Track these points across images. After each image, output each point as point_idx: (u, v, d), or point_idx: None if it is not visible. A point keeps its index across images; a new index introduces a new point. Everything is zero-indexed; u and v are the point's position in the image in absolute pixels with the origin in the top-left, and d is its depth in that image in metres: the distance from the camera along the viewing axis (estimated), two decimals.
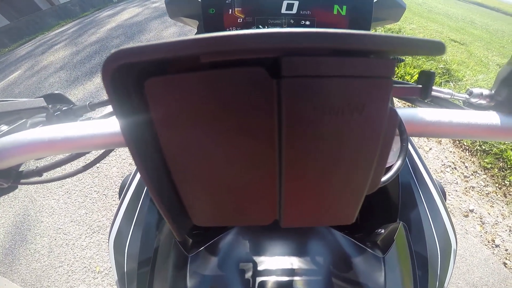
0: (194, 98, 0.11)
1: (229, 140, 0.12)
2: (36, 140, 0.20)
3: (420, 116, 0.20)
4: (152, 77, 0.10)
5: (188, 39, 0.09)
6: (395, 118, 0.13)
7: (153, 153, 0.13)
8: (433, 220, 0.35)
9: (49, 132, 0.20)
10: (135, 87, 0.11)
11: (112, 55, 0.09)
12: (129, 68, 0.10)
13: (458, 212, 1.44)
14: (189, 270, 0.27)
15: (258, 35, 0.09)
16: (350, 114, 0.11)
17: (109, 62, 0.09)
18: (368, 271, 0.26)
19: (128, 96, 0.11)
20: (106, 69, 0.10)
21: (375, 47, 0.10)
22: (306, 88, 0.10)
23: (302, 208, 0.15)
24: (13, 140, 0.20)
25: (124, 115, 0.11)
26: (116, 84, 0.10)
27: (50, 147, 0.20)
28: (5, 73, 4.23)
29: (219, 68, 0.10)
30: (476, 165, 1.68)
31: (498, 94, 0.22)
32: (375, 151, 0.13)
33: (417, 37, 0.10)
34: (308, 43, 0.09)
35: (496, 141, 1.26)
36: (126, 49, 0.09)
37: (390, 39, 0.09)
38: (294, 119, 0.11)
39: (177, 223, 0.16)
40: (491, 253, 1.28)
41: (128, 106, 0.11)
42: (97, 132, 0.20)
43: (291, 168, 0.13)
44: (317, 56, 0.10)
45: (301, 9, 0.37)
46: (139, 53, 0.09)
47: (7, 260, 1.40)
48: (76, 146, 0.21)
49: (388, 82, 0.11)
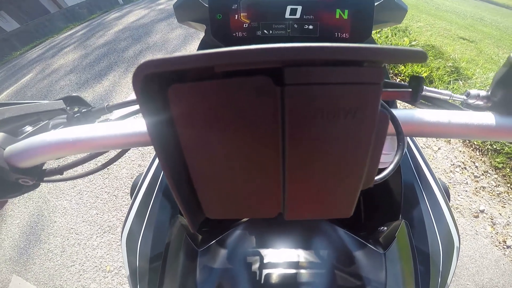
0: (210, 102, 0.12)
1: (240, 140, 0.14)
2: (59, 140, 0.21)
3: (417, 116, 0.21)
4: (174, 84, 0.12)
5: (205, 53, 0.10)
6: (385, 120, 0.14)
7: (174, 151, 0.14)
8: (436, 218, 0.36)
9: (72, 133, 0.22)
10: (159, 92, 0.12)
11: (142, 65, 0.11)
12: (154, 76, 0.11)
13: (468, 213, 1.41)
14: (199, 264, 0.29)
15: (264, 49, 0.10)
16: (344, 117, 0.13)
17: (139, 71, 0.11)
18: (370, 266, 0.28)
19: (153, 100, 0.12)
20: (137, 76, 0.11)
21: (362, 58, 0.11)
22: (305, 94, 0.12)
23: (304, 202, 0.16)
24: (39, 141, 0.21)
25: (150, 116, 0.13)
26: (144, 90, 0.12)
27: (72, 147, 0.22)
28: (17, 76, 4.36)
29: (231, 77, 0.12)
30: (487, 165, 1.65)
31: (494, 95, 0.23)
32: (367, 151, 0.14)
33: (401, 47, 0.11)
34: (307, 56, 0.10)
35: (494, 141, 1.23)
36: (153, 60, 0.11)
37: (375, 50, 0.10)
38: (296, 121, 0.13)
39: (192, 216, 0.18)
40: (502, 254, 1.25)
41: (153, 108, 0.13)
42: (116, 132, 0.22)
43: (293, 166, 0.14)
44: (315, 66, 0.11)
45: (305, 14, 0.38)
46: (164, 64, 0.11)
47: (21, 259, 1.45)
48: (96, 145, 0.22)
49: (377, 88, 0.12)
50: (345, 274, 0.27)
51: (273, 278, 0.26)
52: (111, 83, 3.02)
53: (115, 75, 3.17)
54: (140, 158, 1.82)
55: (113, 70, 3.31)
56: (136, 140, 0.22)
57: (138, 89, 0.11)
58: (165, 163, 0.14)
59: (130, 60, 3.46)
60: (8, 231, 1.62)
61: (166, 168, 0.14)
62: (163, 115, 0.13)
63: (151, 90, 0.12)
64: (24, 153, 0.22)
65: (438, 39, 3.22)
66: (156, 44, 3.76)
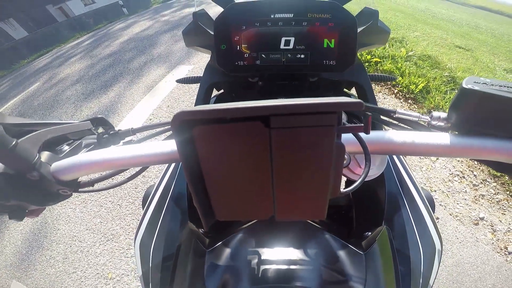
0: (221, 138, 0.18)
1: (242, 163, 0.20)
2: (95, 160, 0.27)
3: (384, 137, 0.25)
4: (197, 126, 0.18)
5: (220, 109, 0.16)
6: (342, 150, 0.19)
7: (195, 168, 0.20)
8: (416, 224, 0.40)
9: (105, 153, 0.27)
10: (187, 129, 0.18)
11: (179, 114, 0.17)
12: (184, 120, 0.17)
13: (468, 220, 1.42)
14: (207, 262, 0.35)
15: (258, 107, 0.16)
16: (310, 148, 0.18)
17: (176, 118, 0.17)
18: (351, 265, 0.33)
19: (183, 134, 0.18)
20: (174, 121, 0.17)
21: (312, 110, 0.16)
22: (285, 133, 0.17)
23: (289, 206, 0.22)
24: (79, 160, 0.27)
25: (181, 144, 0.19)
26: (178, 128, 0.18)
27: (104, 165, 0.27)
28: (25, 85, 4.47)
29: (236, 121, 0.17)
30: (486, 174, 1.67)
31: (450, 117, 0.26)
32: (329, 172, 0.20)
33: (340, 101, 0.16)
34: (281, 111, 0.16)
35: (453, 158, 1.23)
36: (188, 111, 0.17)
37: (318, 104, 0.16)
38: (279, 151, 0.18)
39: (206, 218, 0.23)
40: (504, 260, 1.25)
41: (183, 140, 0.19)
42: (141, 153, 0.27)
43: (279, 180, 0.20)
44: (290, 115, 0.17)
45: (297, 45, 0.42)
46: (193, 114, 0.16)
47: (23, 265, 1.46)
48: (125, 164, 0.27)
49: (332, 129, 0.17)
50: (330, 271, 0.33)
51: (269, 273, 0.32)
52: (117, 94, 3.09)
53: (120, 86, 3.25)
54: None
55: (118, 81, 3.40)
56: (157, 159, 0.27)
57: (175, 129, 0.18)
58: (189, 177, 0.20)
59: (135, 72, 3.54)
60: (10, 237, 1.64)
61: (190, 180, 0.20)
62: (189, 145, 0.19)
63: (181, 128, 0.18)
64: (68, 169, 0.27)
65: (435, 49, 3.29)
66: (160, 56, 3.87)
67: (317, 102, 0.16)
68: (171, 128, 0.18)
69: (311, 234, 0.38)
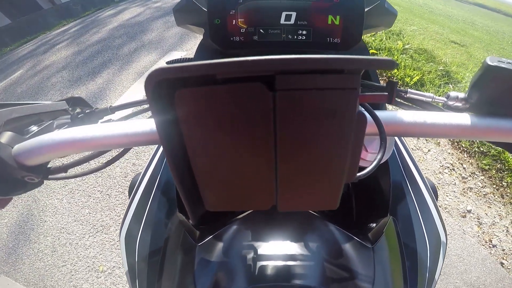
0: (211, 106, 0.14)
1: (237, 139, 0.15)
2: (66, 139, 0.22)
3: (400, 117, 0.22)
4: (180, 89, 0.13)
5: (208, 63, 0.12)
6: (364, 120, 0.15)
7: (179, 148, 0.16)
8: (422, 215, 0.38)
9: (78, 132, 0.23)
10: (167, 96, 0.14)
11: (153, 72, 0.12)
12: (162, 81, 0.13)
13: (456, 213, 1.46)
14: (197, 257, 0.31)
15: (259, 61, 0.12)
16: (326, 118, 0.14)
17: (151, 77, 0.12)
18: (358, 259, 0.30)
19: (162, 102, 0.14)
20: (149, 82, 0.13)
21: (340, 67, 0.12)
22: (293, 98, 0.13)
23: (294, 194, 0.18)
24: (46, 140, 0.22)
25: (159, 117, 0.14)
26: (154, 93, 0.13)
27: (78, 146, 0.22)
28: (7, 73, 4.24)
29: (230, 83, 0.13)
30: (474, 167, 1.70)
31: (470, 97, 0.24)
32: (348, 147, 0.16)
33: (374, 58, 0.12)
34: (294, 67, 0.12)
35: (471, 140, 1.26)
36: (163, 68, 0.12)
37: (350, 60, 0.12)
38: (285, 122, 0.14)
39: (193, 208, 0.19)
40: (489, 253, 1.30)
41: (162, 110, 0.14)
42: (120, 132, 0.22)
43: (284, 161, 0.16)
44: (302, 74, 0.13)
45: (298, 20, 0.39)
46: (173, 72, 0.12)
47: (10, 259, 1.41)
48: (101, 145, 0.23)
49: (354, 92, 0.13)
50: (335, 266, 0.29)
51: (267, 270, 0.28)
52: (105, 81, 2.97)
53: (109, 73, 3.12)
54: (134, 157, 1.80)
55: (107, 68, 3.26)
56: (138, 139, 0.23)
57: (150, 93, 0.13)
58: (170, 159, 0.16)
59: (124, 58, 3.40)
60: None
61: (172, 164, 0.16)
62: (170, 116, 0.14)
63: (160, 94, 0.14)
64: (32, 151, 0.22)
65: (431, 43, 3.29)
66: (151, 42, 3.72)
67: (341, 57, 0.12)
68: (145, 92, 0.13)
69: (313, 225, 0.33)
